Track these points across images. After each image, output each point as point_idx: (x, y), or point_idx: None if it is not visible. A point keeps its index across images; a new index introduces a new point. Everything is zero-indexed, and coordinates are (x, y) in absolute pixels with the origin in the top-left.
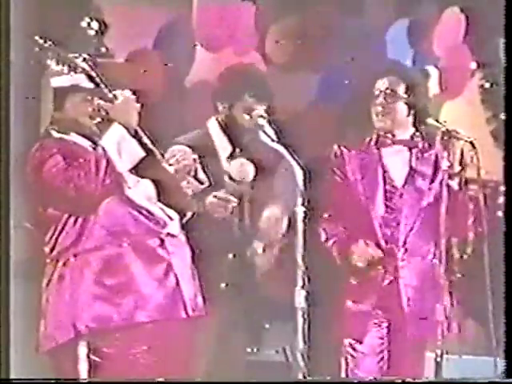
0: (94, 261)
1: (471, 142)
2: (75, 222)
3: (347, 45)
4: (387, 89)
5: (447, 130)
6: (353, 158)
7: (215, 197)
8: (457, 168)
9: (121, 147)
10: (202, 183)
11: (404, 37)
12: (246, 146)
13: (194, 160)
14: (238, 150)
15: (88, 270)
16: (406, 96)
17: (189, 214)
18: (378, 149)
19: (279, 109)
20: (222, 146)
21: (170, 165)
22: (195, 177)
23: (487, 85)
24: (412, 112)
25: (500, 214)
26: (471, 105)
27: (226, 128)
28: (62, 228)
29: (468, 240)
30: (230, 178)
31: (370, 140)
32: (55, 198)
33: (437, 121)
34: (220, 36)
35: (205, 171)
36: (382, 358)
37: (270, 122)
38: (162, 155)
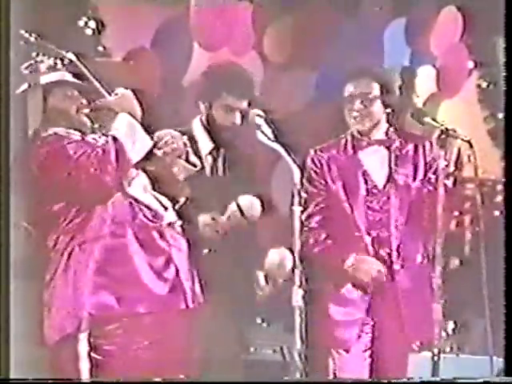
0: (97, 250)
1: (468, 141)
2: (80, 213)
3: (345, 44)
4: (362, 92)
5: (445, 128)
6: (331, 163)
7: (212, 219)
8: (452, 167)
9: (133, 136)
10: (194, 166)
11: (401, 36)
12: (227, 145)
13: (185, 144)
14: (222, 150)
15: (92, 259)
16: (380, 96)
17: (181, 200)
18: (354, 151)
19: (277, 108)
20: (204, 143)
21: (159, 148)
22: (187, 160)
23: (484, 84)
24: (387, 110)
25: (497, 213)
26: (468, 104)
27: (207, 126)
28: (69, 222)
29: (465, 239)
30: (242, 213)
31: (346, 142)
32: (64, 193)
33: (434, 120)
34: (217, 35)
35: (196, 154)
36: (370, 362)
37: (267, 121)
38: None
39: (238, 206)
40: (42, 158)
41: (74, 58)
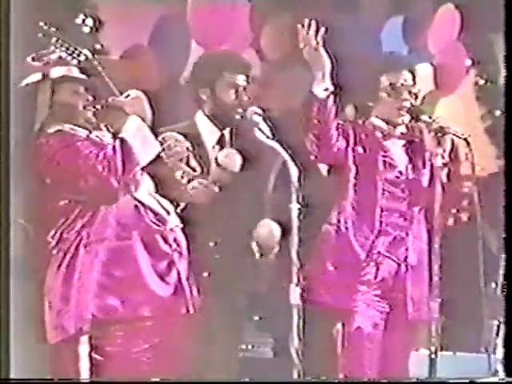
0: (102, 252)
1: (466, 139)
2: (85, 213)
3: (342, 42)
4: (406, 85)
5: (441, 126)
6: (355, 130)
7: (199, 183)
8: (446, 158)
9: (142, 140)
10: (194, 170)
11: (399, 34)
12: (236, 127)
13: (187, 148)
14: (226, 131)
15: (97, 260)
16: (420, 90)
17: (182, 204)
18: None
19: (274, 106)
20: (209, 132)
21: (163, 150)
22: (187, 164)
23: (482, 82)
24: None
25: (495, 210)
26: (466, 102)
27: (212, 113)
28: (73, 221)
29: (462, 237)
30: (218, 164)
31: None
32: (70, 191)
33: (430, 117)
34: (215, 33)
35: (196, 159)
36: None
37: (265, 119)
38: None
39: (216, 159)
40: (49, 154)
41: (89, 55)
